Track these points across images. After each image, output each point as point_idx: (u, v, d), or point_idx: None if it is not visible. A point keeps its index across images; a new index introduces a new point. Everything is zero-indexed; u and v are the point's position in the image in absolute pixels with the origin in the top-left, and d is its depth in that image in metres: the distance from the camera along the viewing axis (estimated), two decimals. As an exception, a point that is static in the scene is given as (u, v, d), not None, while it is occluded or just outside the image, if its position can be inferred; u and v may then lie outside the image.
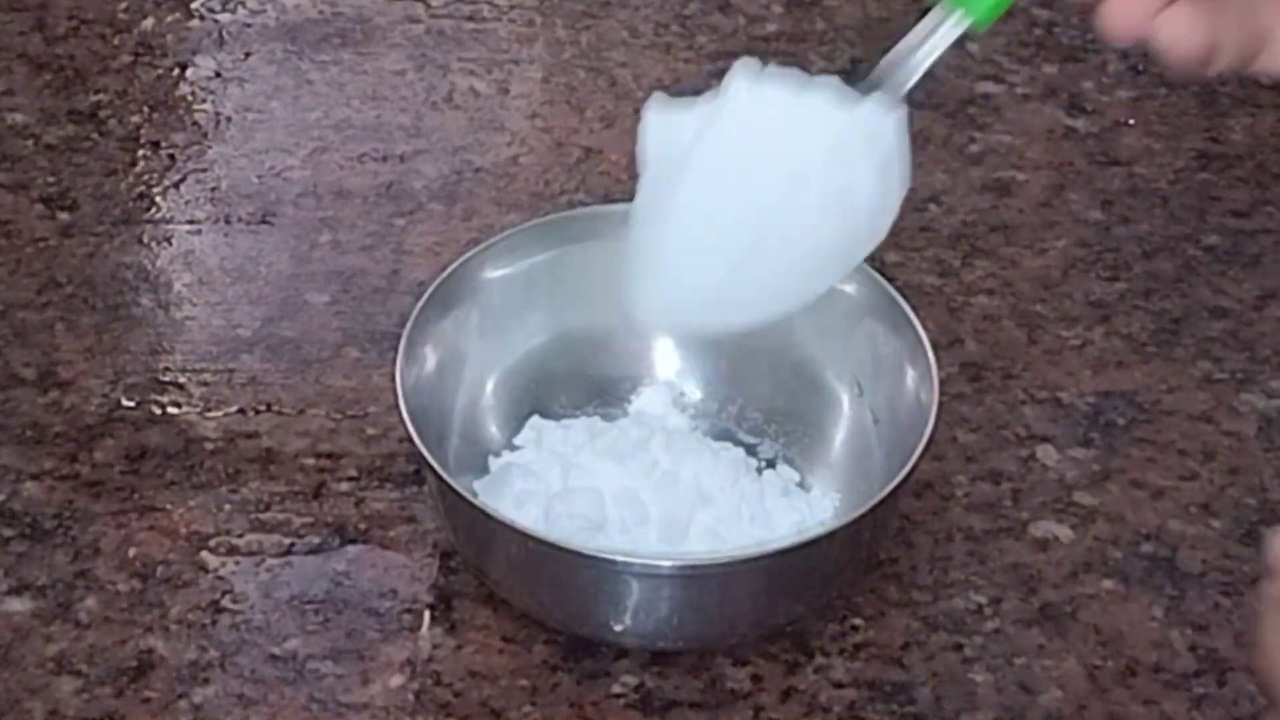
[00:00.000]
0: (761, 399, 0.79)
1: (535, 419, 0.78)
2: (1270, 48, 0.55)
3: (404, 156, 0.93)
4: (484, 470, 0.76)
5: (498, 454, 0.77)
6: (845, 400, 0.78)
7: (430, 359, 0.76)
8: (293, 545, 0.76)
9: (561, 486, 0.74)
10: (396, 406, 0.72)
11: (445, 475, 0.70)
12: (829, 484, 0.77)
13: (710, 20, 1.02)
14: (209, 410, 0.81)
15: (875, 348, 0.77)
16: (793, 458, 0.78)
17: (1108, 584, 0.76)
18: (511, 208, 0.90)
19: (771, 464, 0.78)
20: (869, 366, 0.78)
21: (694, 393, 0.79)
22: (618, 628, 0.71)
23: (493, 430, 0.78)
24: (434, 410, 0.75)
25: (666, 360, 0.80)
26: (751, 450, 0.78)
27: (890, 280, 0.77)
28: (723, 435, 0.78)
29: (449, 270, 0.77)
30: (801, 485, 0.77)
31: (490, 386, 0.79)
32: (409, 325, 0.75)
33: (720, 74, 0.98)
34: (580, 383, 0.79)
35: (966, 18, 0.59)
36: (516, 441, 0.77)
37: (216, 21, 1.01)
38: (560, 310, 0.80)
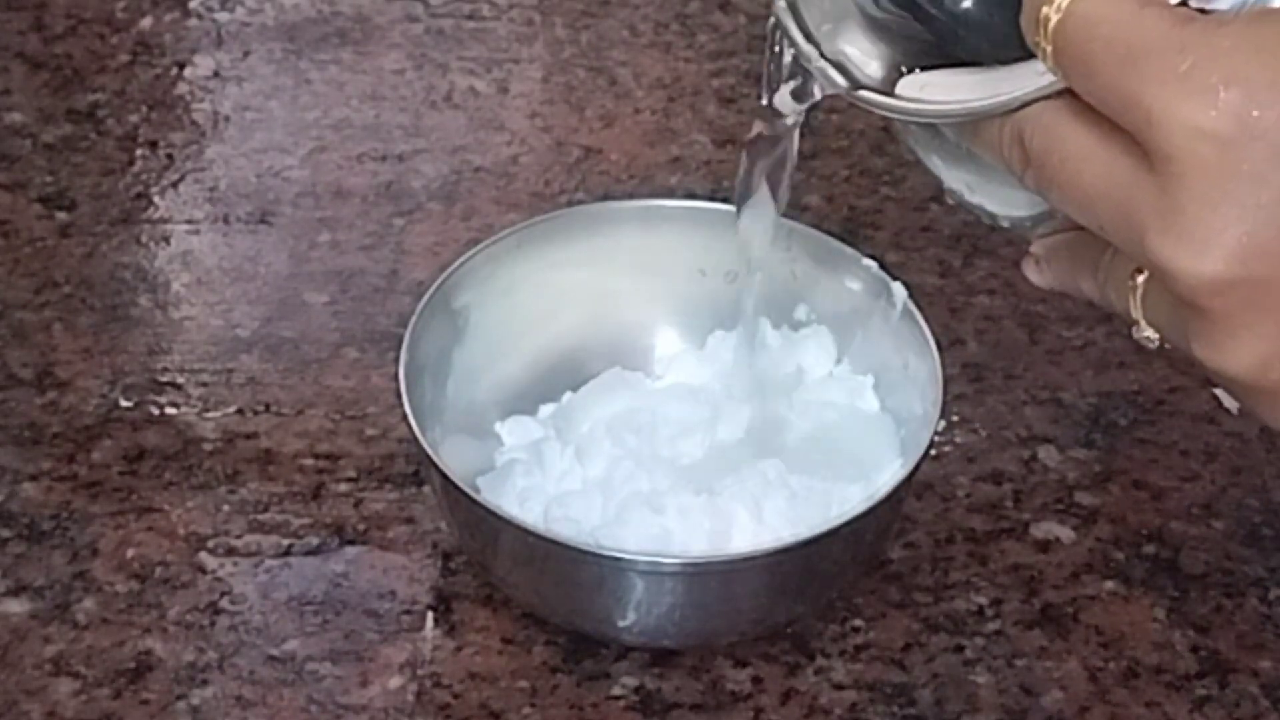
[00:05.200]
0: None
1: (537, 416, 0.78)
2: None
3: (403, 156, 0.93)
4: (485, 468, 0.76)
5: (499, 451, 0.77)
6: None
7: (432, 357, 0.75)
8: (291, 546, 0.76)
9: (565, 483, 0.74)
10: (399, 404, 0.72)
11: (449, 472, 0.70)
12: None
13: (711, 19, 1.02)
14: (207, 411, 0.81)
15: (878, 346, 0.77)
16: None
17: (1109, 585, 0.76)
18: (511, 207, 0.90)
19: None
20: (872, 365, 0.78)
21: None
22: (621, 624, 0.71)
23: (494, 428, 0.78)
24: (435, 408, 0.75)
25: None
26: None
27: (892, 280, 0.77)
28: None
29: (453, 268, 0.77)
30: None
31: (493, 384, 0.78)
32: (413, 322, 0.75)
33: (720, 73, 0.99)
34: (584, 379, 0.79)
35: None
36: (518, 438, 0.77)
37: (215, 21, 1.01)
38: (564, 307, 0.80)
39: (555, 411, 0.78)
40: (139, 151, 0.93)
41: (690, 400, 0.77)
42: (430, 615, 0.74)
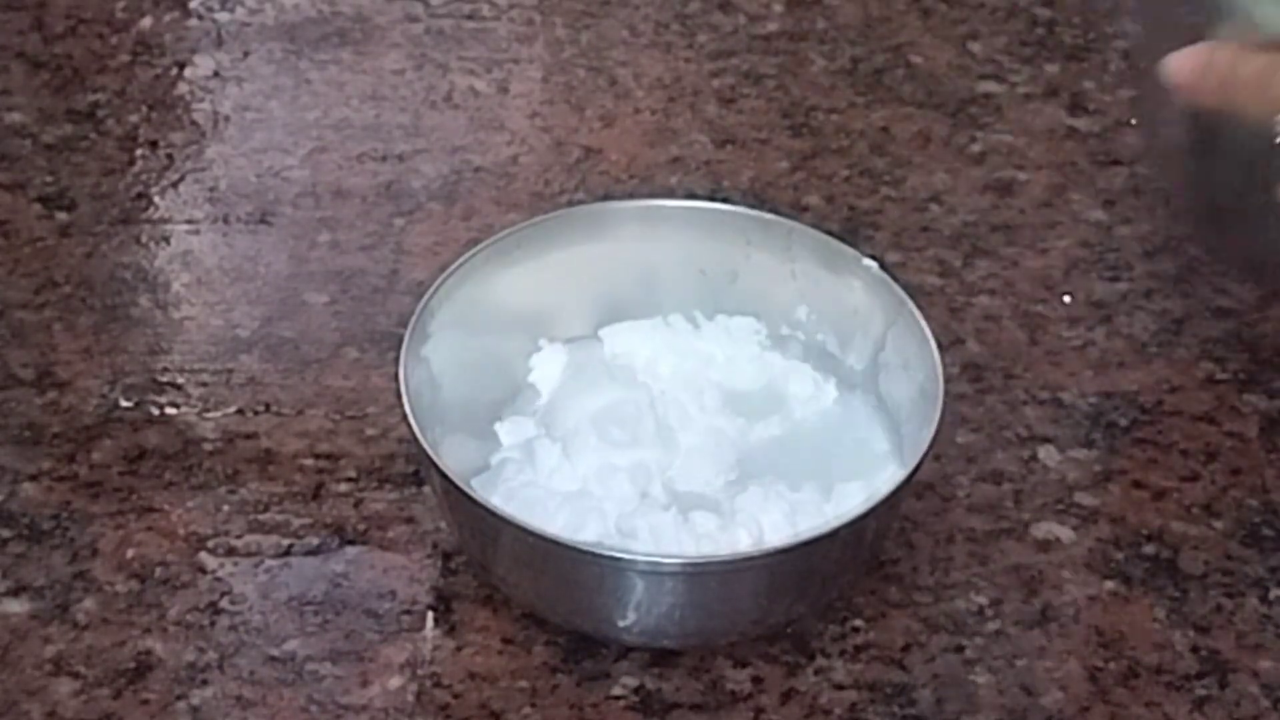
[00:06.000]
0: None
1: (536, 415, 0.78)
2: None
3: (403, 156, 0.93)
4: (484, 468, 0.76)
5: (495, 453, 0.77)
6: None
7: (432, 358, 0.75)
8: (291, 546, 0.76)
9: (554, 481, 0.74)
10: (399, 404, 0.72)
11: (449, 472, 0.70)
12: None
13: (711, 19, 1.02)
14: (207, 411, 0.81)
15: (878, 346, 0.77)
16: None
17: (1109, 585, 0.76)
18: (511, 207, 0.90)
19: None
20: (872, 365, 0.78)
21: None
22: (621, 624, 0.71)
23: (493, 427, 0.78)
24: (435, 408, 0.75)
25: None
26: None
27: (892, 280, 0.77)
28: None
29: (453, 268, 0.77)
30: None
31: (492, 383, 0.78)
32: (412, 322, 0.75)
33: (720, 73, 0.99)
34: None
35: None
36: (516, 439, 0.77)
37: (215, 21, 1.01)
38: (563, 307, 0.79)
39: (543, 408, 0.78)
40: (139, 151, 0.93)
41: (678, 391, 0.77)
42: (430, 615, 0.74)
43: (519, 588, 0.73)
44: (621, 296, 0.80)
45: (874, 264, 0.77)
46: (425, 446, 0.71)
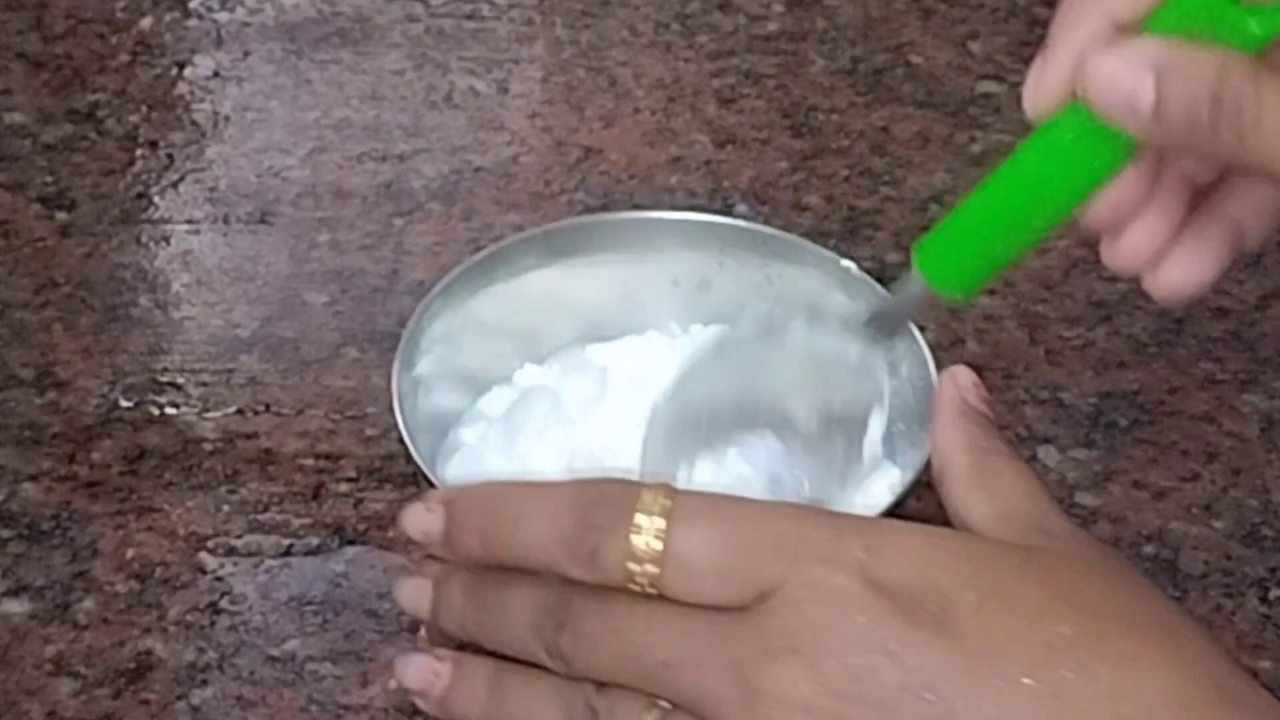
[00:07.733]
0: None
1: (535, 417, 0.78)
2: None
3: (403, 156, 0.93)
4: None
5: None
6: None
7: (428, 361, 0.75)
8: (291, 546, 0.76)
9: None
10: (391, 410, 0.72)
11: (435, 479, 0.70)
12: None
13: (711, 19, 1.02)
14: (207, 411, 0.81)
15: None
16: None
17: (1109, 585, 0.76)
18: (511, 207, 0.90)
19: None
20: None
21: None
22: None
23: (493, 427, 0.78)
24: (432, 409, 0.74)
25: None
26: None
27: (891, 281, 0.77)
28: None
29: (452, 274, 0.76)
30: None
31: (490, 386, 0.78)
32: (409, 327, 0.74)
33: (720, 73, 0.99)
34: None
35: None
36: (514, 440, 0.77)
37: (215, 21, 1.01)
38: (547, 322, 0.79)
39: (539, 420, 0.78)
40: (139, 151, 0.93)
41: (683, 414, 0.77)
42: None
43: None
44: (601, 311, 0.80)
45: (852, 265, 0.77)
46: (417, 458, 0.71)
